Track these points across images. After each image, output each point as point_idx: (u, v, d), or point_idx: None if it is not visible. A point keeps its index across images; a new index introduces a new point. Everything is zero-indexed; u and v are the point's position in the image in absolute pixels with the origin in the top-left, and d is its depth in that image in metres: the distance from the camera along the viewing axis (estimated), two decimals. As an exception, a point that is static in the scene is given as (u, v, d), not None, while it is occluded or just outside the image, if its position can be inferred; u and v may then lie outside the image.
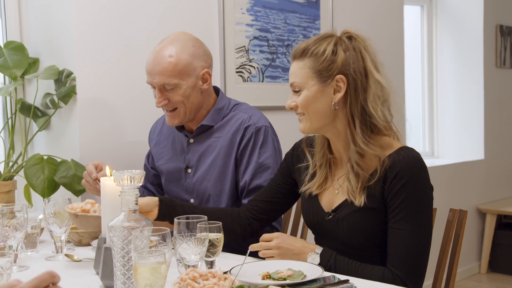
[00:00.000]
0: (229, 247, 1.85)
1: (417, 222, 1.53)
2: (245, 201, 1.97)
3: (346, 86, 1.58)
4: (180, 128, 2.10)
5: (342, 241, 1.62)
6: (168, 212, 1.72)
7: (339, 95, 1.59)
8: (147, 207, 1.70)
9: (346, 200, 1.62)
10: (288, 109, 1.66)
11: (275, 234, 1.66)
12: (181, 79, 1.94)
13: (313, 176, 1.72)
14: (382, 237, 1.58)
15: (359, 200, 1.57)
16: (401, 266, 1.52)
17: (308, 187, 1.71)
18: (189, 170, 2.07)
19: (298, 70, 1.62)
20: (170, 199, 1.76)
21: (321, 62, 1.59)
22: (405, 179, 1.53)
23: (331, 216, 1.65)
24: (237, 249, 1.89)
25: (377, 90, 1.59)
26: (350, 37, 1.62)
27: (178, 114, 1.99)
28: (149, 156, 2.27)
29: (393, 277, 1.51)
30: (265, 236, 1.68)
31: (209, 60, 2.03)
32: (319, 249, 1.62)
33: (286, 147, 2.09)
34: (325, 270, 1.55)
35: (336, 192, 1.66)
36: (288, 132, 2.82)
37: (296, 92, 1.63)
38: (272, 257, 1.64)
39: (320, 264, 1.56)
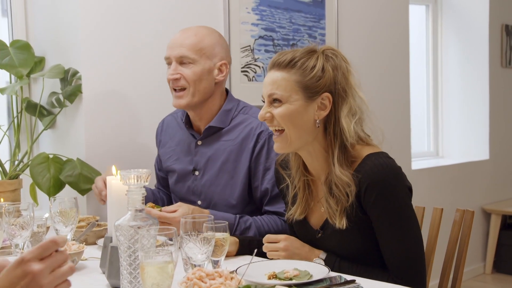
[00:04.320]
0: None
1: (401, 229, 1.53)
2: (268, 208, 1.98)
3: (331, 105, 1.55)
4: (189, 126, 2.09)
5: (336, 255, 1.62)
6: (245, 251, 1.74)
7: (323, 113, 1.55)
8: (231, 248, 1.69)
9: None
10: (262, 120, 1.59)
11: (282, 236, 1.65)
12: (200, 56, 1.96)
13: (294, 198, 1.70)
14: (372, 247, 1.58)
15: (340, 223, 1.54)
16: (401, 275, 1.53)
17: (291, 213, 1.69)
18: (196, 173, 2.07)
19: (282, 81, 1.54)
20: (249, 241, 1.76)
21: (310, 78, 1.54)
22: (376, 191, 1.50)
23: (320, 234, 1.65)
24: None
25: (355, 108, 1.56)
26: (334, 55, 1.58)
27: (186, 94, 1.98)
28: (157, 158, 2.27)
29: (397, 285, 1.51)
30: (270, 237, 1.66)
31: (229, 57, 2.07)
32: (323, 255, 1.61)
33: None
34: None
35: (322, 210, 1.64)
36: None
37: (274, 103, 1.56)
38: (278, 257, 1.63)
39: None
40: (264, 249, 1.65)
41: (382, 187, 1.50)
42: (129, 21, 2.50)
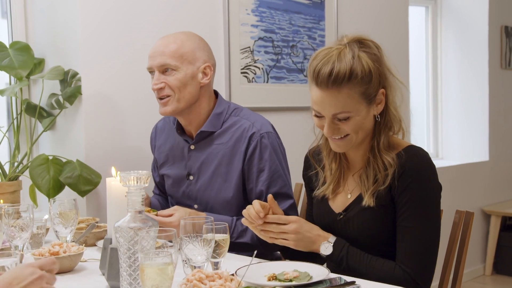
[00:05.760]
0: (234, 249, 1.84)
1: (424, 220, 1.54)
2: None
3: (385, 97, 1.58)
4: (181, 132, 2.09)
5: (352, 240, 1.62)
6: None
7: (381, 107, 1.58)
8: None
9: (357, 199, 1.63)
10: (331, 136, 1.56)
11: (293, 217, 1.62)
12: (181, 63, 1.95)
13: (324, 181, 1.72)
14: (391, 234, 1.59)
15: (368, 201, 1.58)
16: (411, 264, 1.53)
17: (322, 190, 1.71)
18: (191, 177, 2.06)
19: (346, 99, 1.49)
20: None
21: (371, 84, 1.52)
22: (411, 177, 1.53)
23: (342, 216, 1.66)
24: (242, 250, 1.89)
25: (398, 93, 1.60)
26: (368, 46, 1.57)
27: (171, 101, 1.97)
28: (153, 164, 2.26)
29: (403, 274, 1.53)
30: (281, 217, 1.60)
31: (212, 60, 2.04)
32: (332, 238, 1.61)
33: (292, 147, 2.09)
34: (337, 261, 1.57)
35: (349, 196, 1.67)
36: (294, 133, 2.82)
37: (340, 119, 1.53)
38: (286, 239, 1.60)
39: (332, 254, 1.57)
40: (273, 229, 1.59)
41: (419, 175, 1.53)
42: (129, 22, 2.50)
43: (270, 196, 1.63)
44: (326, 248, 1.59)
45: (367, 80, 1.52)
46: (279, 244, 1.63)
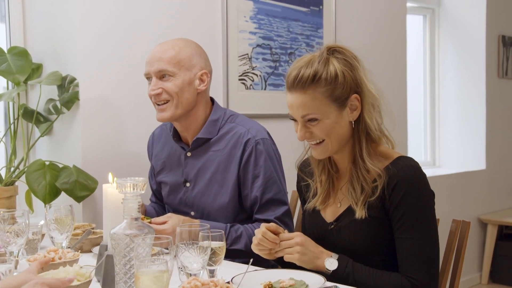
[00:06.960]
0: (228, 256, 1.84)
1: (423, 230, 1.54)
2: (258, 216, 1.97)
3: (360, 103, 1.58)
4: (177, 139, 2.09)
5: (344, 250, 1.62)
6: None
7: (356, 113, 1.58)
8: None
9: (348, 209, 1.62)
10: (302, 140, 1.61)
11: (296, 233, 1.63)
12: (179, 69, 1.96)
13: (315, 193, 1.72)
14: (384, 244, 1.59)
15: (360, 214, 1.57)
16: (417, 274, 1.53)
17: (313, 203, 1.72)
18: (188, 184, 2.06)
19: (312, 101, 1.54)
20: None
21: (337, 87, 1.54)
22: (404, 189, 1.53)
23: (333, 226, 1.65)
24: (235, 257, 1.89)
25: (373, 99, 1.60)
26: (341, 52, 1.59)
27: (169, 107, 1.97)
28: (151, 171, 2.26)
29: (411, 285, 1.52)
30: (284, 235, 1.62)
31: (209, 66, 2.05)
32: (335, 255, 1.60)
33: (288, 154, 2.08)
34: (343, 276, 1.56)
35: (338, 205, 1.67)
36: (291, 140, 2.82)
37: (310, 122, 1.57)
38: (291, 254, 1.59)
39: (337, 269, 1.56)
40: (281, 246, 1.60)
41: (412, 186, 1.54)
42: (127, 29, 2.51)
43: (264, 225, 1.62)
44: (331, 263, 1.58)
45: (332, 82, 1.54)
46: (285, 260, 1.61)
